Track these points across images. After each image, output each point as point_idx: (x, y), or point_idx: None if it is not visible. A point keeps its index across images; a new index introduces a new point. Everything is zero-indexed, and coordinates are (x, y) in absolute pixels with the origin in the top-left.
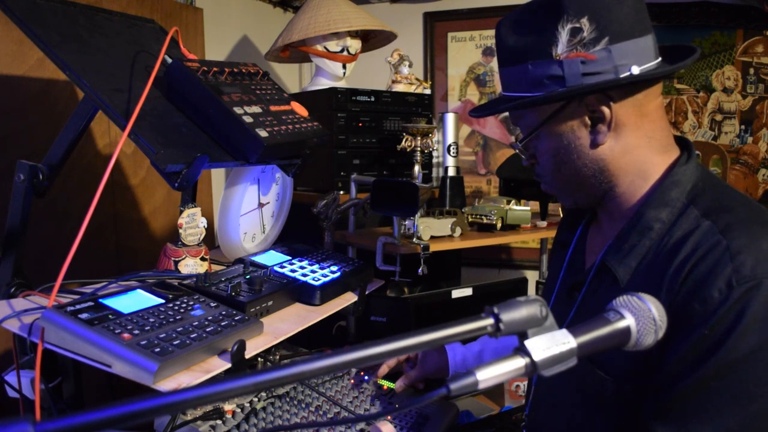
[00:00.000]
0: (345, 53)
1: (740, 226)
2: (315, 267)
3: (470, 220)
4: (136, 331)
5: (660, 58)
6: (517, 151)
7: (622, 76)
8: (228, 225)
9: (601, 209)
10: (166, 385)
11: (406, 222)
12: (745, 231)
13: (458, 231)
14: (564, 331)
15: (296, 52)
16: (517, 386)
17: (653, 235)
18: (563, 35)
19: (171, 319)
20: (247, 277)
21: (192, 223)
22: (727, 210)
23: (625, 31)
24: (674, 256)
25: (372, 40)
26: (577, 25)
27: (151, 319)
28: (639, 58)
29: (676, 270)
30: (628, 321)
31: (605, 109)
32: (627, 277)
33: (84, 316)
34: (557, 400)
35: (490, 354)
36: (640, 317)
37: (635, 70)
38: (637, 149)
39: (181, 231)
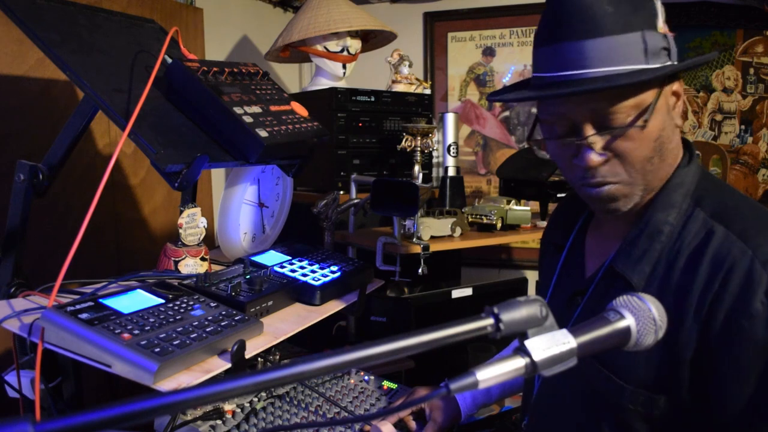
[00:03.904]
0: (345, 53)
1: (757, 231)
2: (315, 267)
3: (470, 220)
4: (136, 331)
5: None
6: (590, 141)
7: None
8: (228, 225)
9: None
10: (166, 385)
11: (406, 222)
12: (764, 237)
13: (458, 231)
14: (564, 331)
15: (296, 52)
16: None
17: (663, 239)
18: (659, 10)
19: (171, 319)
20: (247, 277)
21: (192, 223)
22: (736, 214)
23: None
24: (695, 267)
25: (372, 40)
26: (659, 4)
27: (151, 319)
28: None
29: (705, 285)
30: (628, 321)
31: (680, 88)
32: (642, 283)
33: (84, 316)
34: (562, 406)
35: (498, 386)
36: (640, 317)
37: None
38: (678, 137)
39: (181, 231)
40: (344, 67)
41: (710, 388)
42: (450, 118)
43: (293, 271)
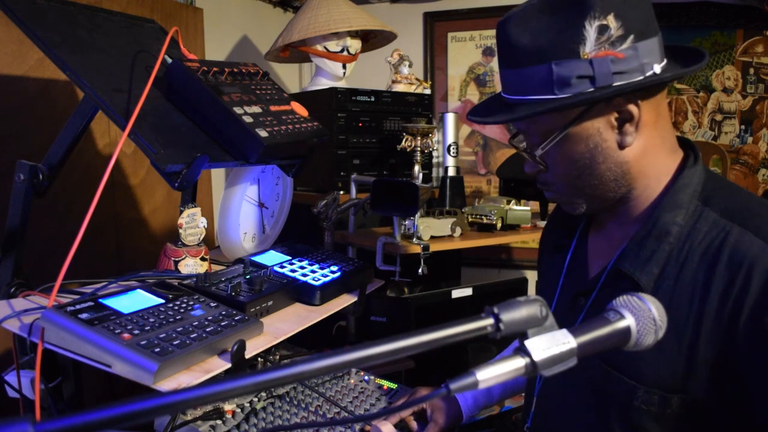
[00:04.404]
0: (345, 53)
1: None
2: (315, 267)
3: (470, 220)
4: (136, 331)
5: (666, 59)
6: (527, 157)
7: (648, 74)
8: (228, 225)
9: (608, 212)
10: (166, 385)
11: (406, 222)
12: None
13: (458, 231)
14: (564, 331)
15: (296, 52)
16: None
17: (671, 240)
18: (591, 33)
19: (171, 319)
20: (247, 277)
21: (192, 223)
22: (750, 212)
23: (646, 29)
24: (712, 267)
25: (372, 40)
26: (605, 23)
27: (151, 319)
28: (657, 57)
29: (726, 285)
30: (628, 321)
31: (633, 108)
32: (651, 284)
33: (84, 316)
34: (568, 407)
35: (499, 387)
36: (640, 317)
37: (657, 68)
38: (654, 150)
39: (181, 231)
40: (344, 67)
41: (734, 387)
42: (450, 118)
43: (293, 271)
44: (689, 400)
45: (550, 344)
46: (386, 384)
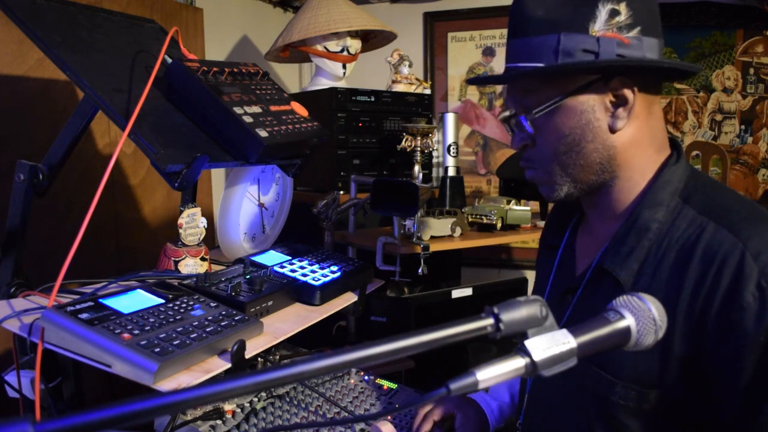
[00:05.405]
0: (345, 53)
1: (747, 225)
2: (315, 267)
3: (470, 220)
4: (136, 331)
5: None
6: (514, 127)
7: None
8: (228, 225)
9: (591, 208)
10: (166, 385)
11: (406, 222)
12: (754, 229)
13: (458, 231)
14: (564, 331)
15: (296, 52)
16: None
17: (651, 236)
18: (602, 14)
19: (171, 319)
20: (247, 277)
21: (192, 223)
22: (726, 209)
23: (653, 27)
24: (687, 262)
25: (372, 40)
26: (616, 8)
27: (151, 319)
28: (658, 57)
29: (697, 281)
30: (628, 321)
31: (629, 93)
32: (630, 280)
33: (84, 316)
34: (555, 404)
35: None
36: (640, 317)
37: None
38: (642, 144)
39: (181, 231)
40: (344, 67)
41: (704, 381)
42: (450, 118)
43: (293, 271)
44: (665, 395)
45: (550, 344)
46: (386, 384)
